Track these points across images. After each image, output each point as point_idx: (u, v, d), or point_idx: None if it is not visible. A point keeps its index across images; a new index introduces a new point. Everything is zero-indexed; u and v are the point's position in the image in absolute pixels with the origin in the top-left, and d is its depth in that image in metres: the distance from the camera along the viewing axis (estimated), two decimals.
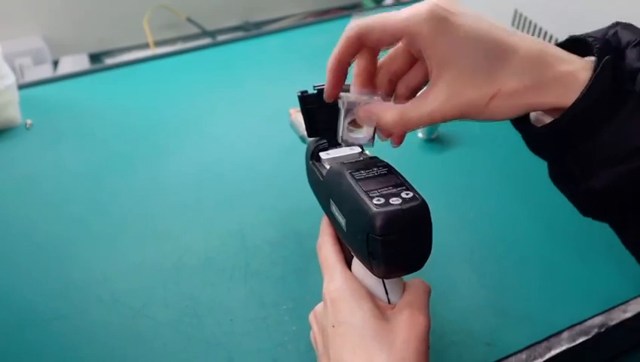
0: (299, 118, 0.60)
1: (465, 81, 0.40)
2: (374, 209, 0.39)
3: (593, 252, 0.64)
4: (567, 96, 0.39)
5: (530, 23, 0.94)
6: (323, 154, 0.50)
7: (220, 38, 1.25)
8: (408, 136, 0.45)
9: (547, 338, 0.56)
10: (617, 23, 0.43)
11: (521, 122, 0.43)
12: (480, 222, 0.68)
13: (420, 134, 0.81)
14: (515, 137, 0.50)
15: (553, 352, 0.55)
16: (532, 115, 0.44)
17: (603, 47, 0.40)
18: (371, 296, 0.43)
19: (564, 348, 0.56)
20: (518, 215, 0.69)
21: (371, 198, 0.40)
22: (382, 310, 0.42)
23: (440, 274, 0.59)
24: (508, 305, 0.59)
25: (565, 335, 0.57)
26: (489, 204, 0.71)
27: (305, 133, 0.52)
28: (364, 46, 0.43)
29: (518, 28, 0.96)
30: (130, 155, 0.78)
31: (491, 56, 0.39)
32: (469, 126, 0.81)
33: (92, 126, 0.83)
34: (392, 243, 0.39)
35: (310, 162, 0.51)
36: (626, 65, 0.40)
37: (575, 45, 0.43)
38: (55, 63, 1.20)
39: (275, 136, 0.81)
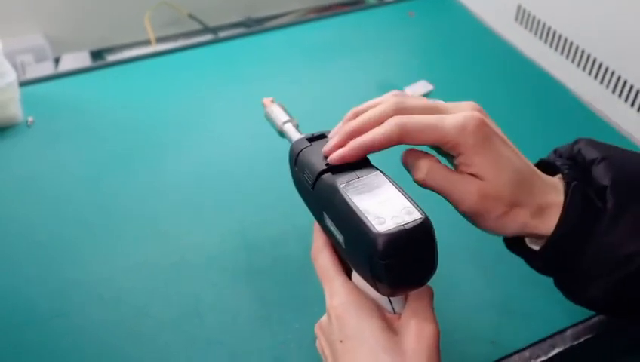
0: (274, 109, 0.55)
1: (493, 194, 0.42)
2: (374, 230, 0.36)
3: None
4: (549, 224, 0.43)
5: (533, 18, 0.93)
6: None
7: (222, 34, 1.25)
8: None
9: (551, 336, 0.56)
10: (579, 140, 0.47)
11: (519, 246, 0.47)
12: None
13: None
14: (517, 134, 0.49)
15: (557, 350, 0.55)
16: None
17: (570, 170, 0.44)
18: (377, 308, 0.42)
19: (567, 345, 0.56)
20: None
21: (370, 217, 0.37)
22: (389, 322, 0.41)
23: (444, 272, 0.58)
24: (512, 302, 0.59)
25: (569, 332, 0.57)
26: None
27: (283, 126, 0.51)
28: (401, 143, 0.42)
29: (521, 24, 0.96)
30: (131, 153, 0.78)
31: (520, 178, 0.42)
32: None
33: (93, 123, 0.83)
34: (397, 265, 0.37)
35: (295, 168, 0.47)
36: (593, 184, 0.43)
37: (546, 165, 0.47)
38: (56, 60, 1.19)
39: (276, 134, 0.80)
